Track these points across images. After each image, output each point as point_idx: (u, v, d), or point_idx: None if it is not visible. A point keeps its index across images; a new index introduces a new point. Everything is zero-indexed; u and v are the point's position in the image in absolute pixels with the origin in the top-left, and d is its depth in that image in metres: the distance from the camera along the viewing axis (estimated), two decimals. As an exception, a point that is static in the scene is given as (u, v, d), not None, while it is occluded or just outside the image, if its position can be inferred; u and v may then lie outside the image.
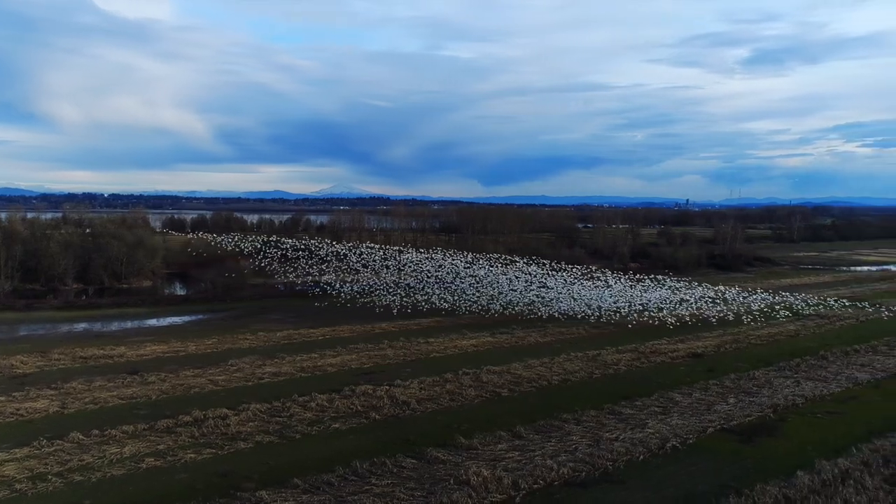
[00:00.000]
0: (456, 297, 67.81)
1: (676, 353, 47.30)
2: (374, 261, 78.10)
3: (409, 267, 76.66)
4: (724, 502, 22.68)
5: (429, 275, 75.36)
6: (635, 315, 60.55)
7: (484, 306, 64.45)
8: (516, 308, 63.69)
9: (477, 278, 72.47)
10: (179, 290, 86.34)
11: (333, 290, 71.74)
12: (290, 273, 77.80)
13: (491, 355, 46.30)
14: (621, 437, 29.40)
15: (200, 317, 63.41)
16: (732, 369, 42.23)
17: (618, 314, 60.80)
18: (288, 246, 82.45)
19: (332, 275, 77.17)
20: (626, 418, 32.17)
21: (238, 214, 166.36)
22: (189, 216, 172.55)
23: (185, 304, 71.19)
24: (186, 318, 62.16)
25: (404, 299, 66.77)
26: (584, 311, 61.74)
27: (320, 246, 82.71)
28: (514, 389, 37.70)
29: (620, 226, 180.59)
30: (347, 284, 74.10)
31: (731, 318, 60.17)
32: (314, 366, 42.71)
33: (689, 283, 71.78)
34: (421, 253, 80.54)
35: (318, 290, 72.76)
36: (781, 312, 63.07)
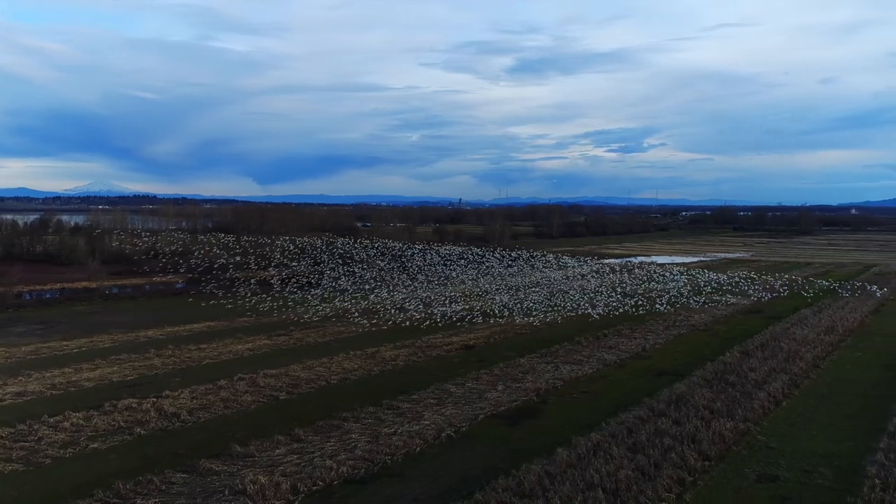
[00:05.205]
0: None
1: (451, 346, 49.38)
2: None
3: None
4: (494, 483, 24.06)
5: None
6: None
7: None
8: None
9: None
10: None
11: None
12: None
13: (268, 358, 45.05)
14: (399, 430, 30.06)
15: (-78, 333, 54.52)
16: (501, 358, 44.96)
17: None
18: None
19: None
20: (403, 412, 32.96)
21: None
22: None
23: None
24: None
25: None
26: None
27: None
28: (293, 392, 37.03)
29: (398, 224, 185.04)
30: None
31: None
32: (68, 381, 38.60)
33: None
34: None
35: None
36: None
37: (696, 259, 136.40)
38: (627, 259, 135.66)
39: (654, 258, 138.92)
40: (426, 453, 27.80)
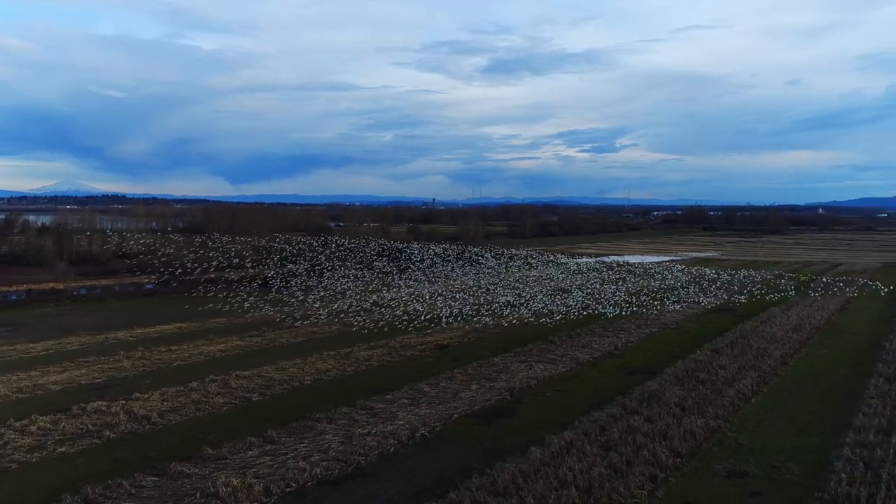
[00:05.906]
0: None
1: (425, 346, 49.34)
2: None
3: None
4: (468, 482, 24.12)
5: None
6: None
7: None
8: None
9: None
10: None
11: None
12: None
13: (240, 359, 44.65)
14: (373, 431, 29.98)
15: None
16: (475, 358, 45.03)
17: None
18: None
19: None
20: (377, 412, 32.87)
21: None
22: None
23: None
24: None
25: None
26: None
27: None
28: (266, 393, 36.74)
29: (372, 224, 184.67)
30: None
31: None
32: (34, 385, 37.89)
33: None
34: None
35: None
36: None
37: (668, 258, 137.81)
38: (600, 258, 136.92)
39: (626, 258, 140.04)
40: (400, 453, 27.76)
